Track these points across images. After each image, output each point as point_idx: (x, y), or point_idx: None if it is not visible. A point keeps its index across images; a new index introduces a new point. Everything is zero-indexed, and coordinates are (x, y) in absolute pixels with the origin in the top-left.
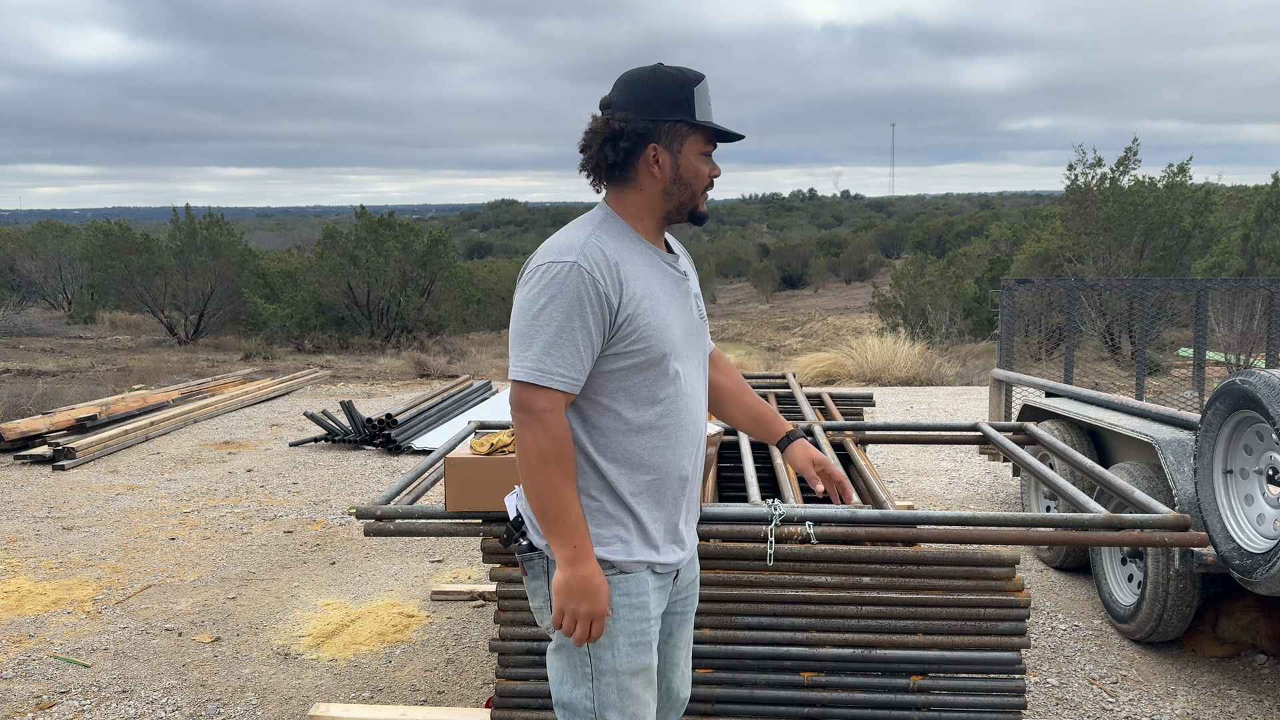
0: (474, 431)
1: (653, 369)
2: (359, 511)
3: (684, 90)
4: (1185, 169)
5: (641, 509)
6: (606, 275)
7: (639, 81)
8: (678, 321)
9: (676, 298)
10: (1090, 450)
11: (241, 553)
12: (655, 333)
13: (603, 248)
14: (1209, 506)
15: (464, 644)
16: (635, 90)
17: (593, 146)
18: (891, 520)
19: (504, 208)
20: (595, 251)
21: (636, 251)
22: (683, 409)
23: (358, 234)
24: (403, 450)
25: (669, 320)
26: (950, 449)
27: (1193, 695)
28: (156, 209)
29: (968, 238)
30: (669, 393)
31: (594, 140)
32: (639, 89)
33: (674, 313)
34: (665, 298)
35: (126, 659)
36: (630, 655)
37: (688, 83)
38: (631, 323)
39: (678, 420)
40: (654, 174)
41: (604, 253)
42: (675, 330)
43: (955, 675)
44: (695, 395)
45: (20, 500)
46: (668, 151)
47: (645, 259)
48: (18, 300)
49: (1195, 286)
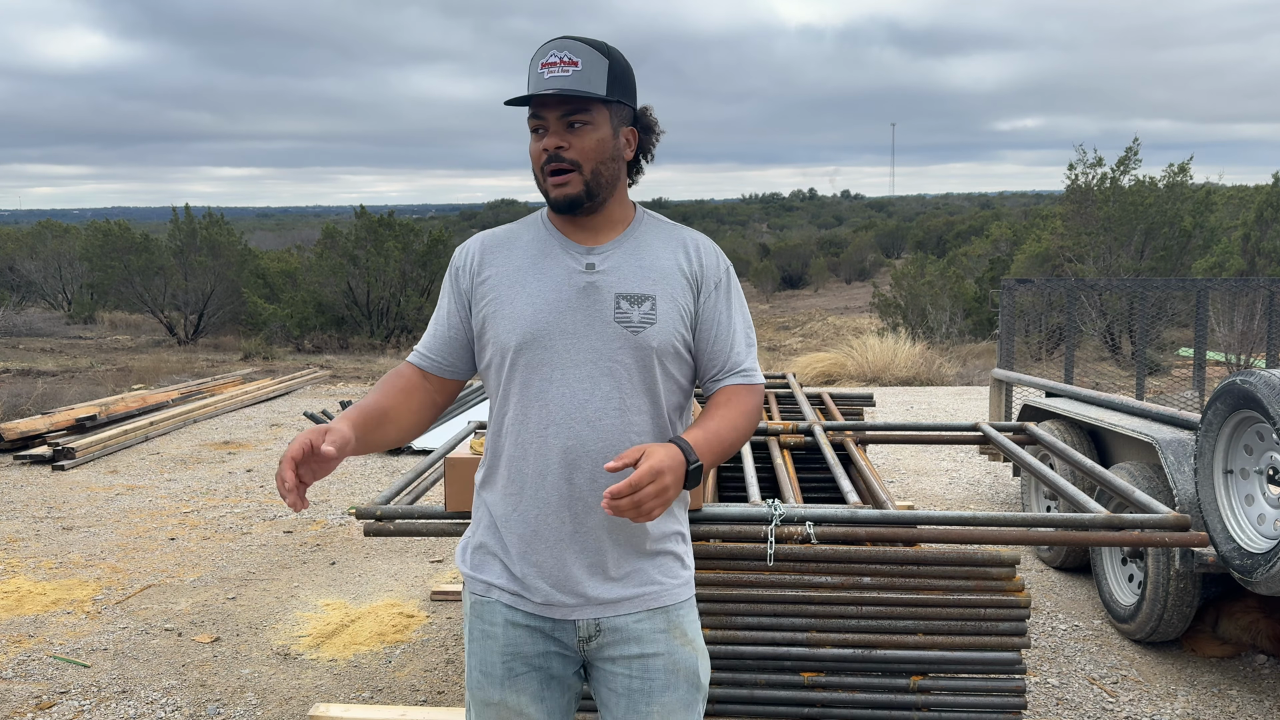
0: (474, 431)
1: (498, 362)
2: (359, 511)
3: (528, 70)
4: (1186, 169)
5: (505, 526)
6: (471, 258)
7: None
8: (526, 318)
9: (547, 290)
10: (1090, 450)
11: (241, 553)
12: (500, 321)
13: (489, 235)
14: (1209, 506)
15: (464, 644)
16: None
17: None
18: (892, 520)
19: (504, 208)
20: (476, 238)
21: (525, 241)
22: (526, 414)
23: (357, 234)
24: (402, 450)
25: (521, 310)
26: (950, 449)
27: (1193, 695)
28: (156, 209)
29: (968, 238)
30: (518, 394)
31: None
32: None
33: (529, 308)
34: (523, 293)
35: (126, 659)
36: (477, 682)
37: (531, 61)
38: (478, 306)
39: (520, 426)
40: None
41: (483, 239)
42: (522, 327)
43: (955, 675)
44: (552, 398)
45: (20, 500)
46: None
47: (534, 248)
48: (17, 300)
49: (1195, 286)
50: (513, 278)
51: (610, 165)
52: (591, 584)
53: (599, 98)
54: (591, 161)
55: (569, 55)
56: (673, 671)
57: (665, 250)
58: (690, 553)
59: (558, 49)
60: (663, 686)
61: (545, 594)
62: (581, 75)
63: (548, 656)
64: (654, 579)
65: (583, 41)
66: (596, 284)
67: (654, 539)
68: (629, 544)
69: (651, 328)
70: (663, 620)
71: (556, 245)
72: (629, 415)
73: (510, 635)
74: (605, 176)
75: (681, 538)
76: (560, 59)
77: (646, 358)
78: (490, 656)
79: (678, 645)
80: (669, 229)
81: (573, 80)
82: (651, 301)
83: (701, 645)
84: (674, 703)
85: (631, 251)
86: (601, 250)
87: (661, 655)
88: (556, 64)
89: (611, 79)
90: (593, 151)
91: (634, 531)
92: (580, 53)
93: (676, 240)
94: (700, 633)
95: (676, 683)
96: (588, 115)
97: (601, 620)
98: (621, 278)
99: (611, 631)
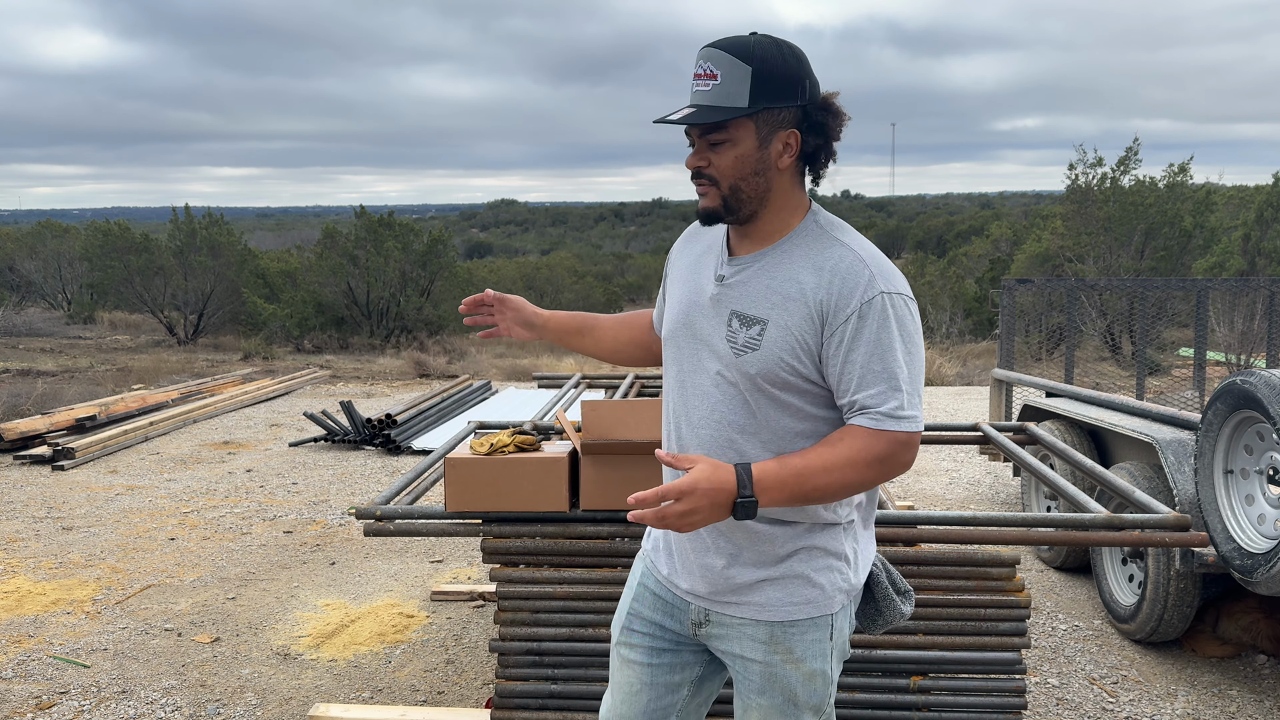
0: (474, 431)
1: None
2: (359, 512)
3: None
4: (1186, 169)
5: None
6: (677, 246)
7: None
8: (674, 312)
9: (693, 292)
10: (1091, 450)
11: (241, 553)
12: (664, 309)
13: (692, 226)
14: (1209, 506)
15: (464, 644)
16: None
17: None
18: (892, 520)
19: (504, 207)
20: (690, 227)
21: (709, 238)
22: (668, 399)
23: (357, 234)
24: (402, 450)
25: (673, 306)
26: (950, 449)
27: (1193, 695)
28: (155, 209)
29: (968, 237)
30: (668, 379)
31: None
32: None
33: (679, 304)
34: (681, 289)
35: (126, 659)
36: (615, 622)
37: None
38: (666, 288)
39: (665, 406)
40: None
41: (689, 229)
42: (670, 318)
43: (955, 675)
44: (678, 393)
45: (20, 500)
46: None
47: (707, 247)
48: (17, 300)
49: (1196, 286)
50: (682, 272)
51: (753, 180)
52: (708, 577)
53: (737, 113)
54: (729, 179)
55: (710, 67)
56: (769, 680)
57: (804, 271)
58: (841, 570)
59: (703, 59)
60: (759, 690)
61: (671, 569)
62: (720, 89)
63: (663, 627)
64: (767, 592)
65: (725, 49)
66: (720, 298)
67: (780, 553)
68: (752, 549)
69: (753, 354)
70: (765, 632)
71: (717, 249)
72: (727, 430)
73: (640, 594)
74: (747, 192)
75: (824, 554)
76: (703, 71)
77: (749, 381)
78: (624, 605)
79: (779, 660)
80: (823, 245)
81: (711, 96)
82: (761, 326)
83: (816, 669)
84: (770, 707)
85: (766, 268)
86: (739, 262)
87: (759, 664)
88: (701, 76)
89: (757, 86)
90: (730, 170)
91: (758, 539)
92: (721, 64)
93: (820, 261)
94: (823, 658)
95: (773, 691)
96: (725, 134)
97: (711, 613)
98: (743, 295)
99: (719, 625)
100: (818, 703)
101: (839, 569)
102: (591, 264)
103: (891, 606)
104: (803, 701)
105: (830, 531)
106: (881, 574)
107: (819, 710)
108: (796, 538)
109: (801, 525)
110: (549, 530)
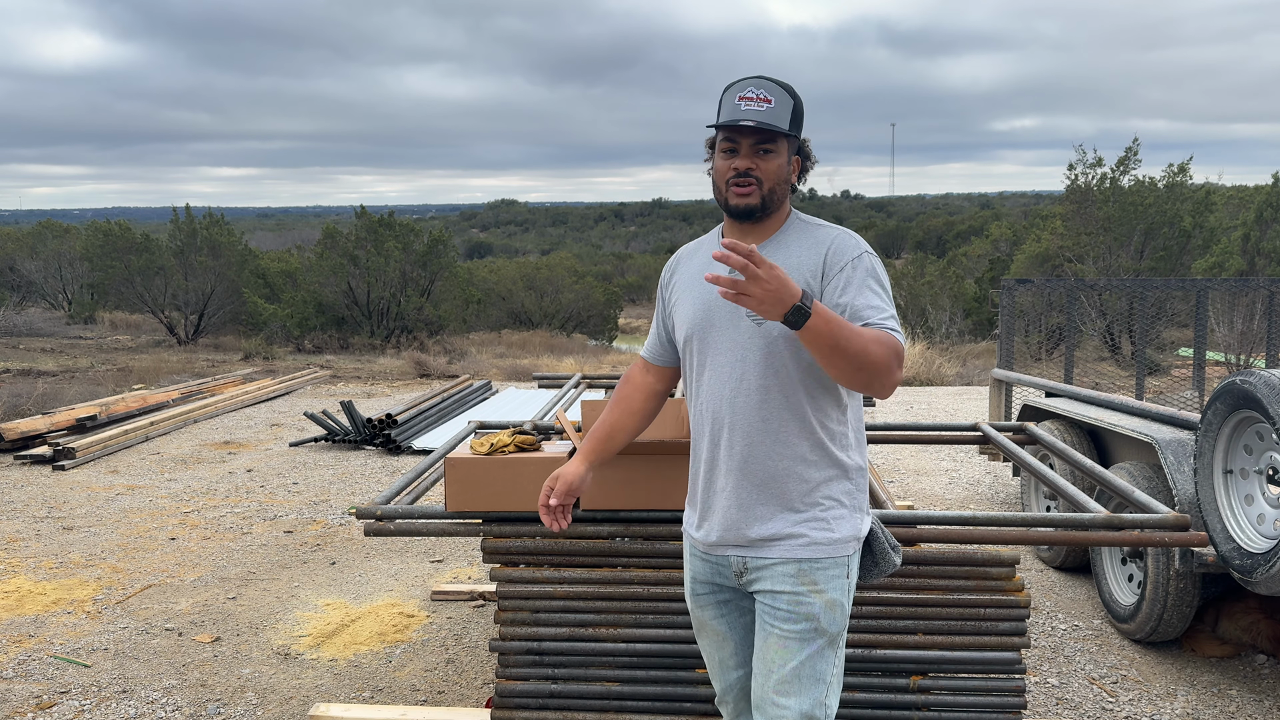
0: (474, 431)
1: (681, 349)
2: (359, 511)
3: (721, 98)
4: (1185, 169)
5: (691, 480)
6: (668, 271)
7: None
8: (692, 314)
9: (708, 293)
10: (1090, 450)
11: (241, 553)
12: (676, 316)
13: (684, 248)
14: (1209, 506)
15: (464, 644)
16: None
17: None
18: (891, 520)
19: (504, 208)
20: (678, 252)
21: (707, 248)
22: (697, 392)
23: (358, 234)
24: (403, 450)
25: (687, 307)
26: (950, 449)
27: (1193, 695)
28: (155, 209)
29: (968, 238)
30: (689, 375)
31: None
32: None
33: (695, 307)
34: (693, 295)
35: (126, 659)
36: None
37: (725, 91)
38: (670, 306)
39: (694, 401)
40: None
41: (679, 252)
42: (688, 322)
43: (955, 675)
44: (713, 382)
45: (20, 500)
46: (713, 157)
47: (701, 266)
48: (18, 300)
49: (1195, 286)
50: (688, 284)
51: (782, 186)
52: (744, 532)
53: (785, 132)
54: (771, 182)
55: (765, 93)
56: (796, 606)
57: (804, 250)
58: (851, 520)
59: (755, 87)
60: (785, 618)
61: (708, 534)
62: (774, 111)
63: (714, 584)
64: (794, 537)
65: (775, 82)
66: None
67: (804, 495)
68: (778, 501)
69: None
70: (794, 568)
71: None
72: (754, 395)
73: (692, 564)
74: (777, 194)
75: (837, 505)
76: (757, 95)
77: (772, 345)
78: (686, 578)
79: (805, 590)
80: (813, 230)
81: (767, 115)
82: None
83: (836, 599)
84: (793, 633)
85: (770, 253)
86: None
87: (787, 594)
88: (753, 99)
89: (793, 117)
90: (773, 174)
91: (784, 490)
92: (773, 92)
93: (814, 241)
94: (842, 591)
95: (798, 617)
96: (774, 145)
97: (748, 559)
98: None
99: (755, 570)
100: (835, 631)
101: (851, 520)
102: (591, 264)
103: (886, 557)
104: (823, 628)
105: (842, 485)
106: (879, 529)
107: (834, 641)
108: (815, 489)
109: (819, 478)
110: (549, 530)
